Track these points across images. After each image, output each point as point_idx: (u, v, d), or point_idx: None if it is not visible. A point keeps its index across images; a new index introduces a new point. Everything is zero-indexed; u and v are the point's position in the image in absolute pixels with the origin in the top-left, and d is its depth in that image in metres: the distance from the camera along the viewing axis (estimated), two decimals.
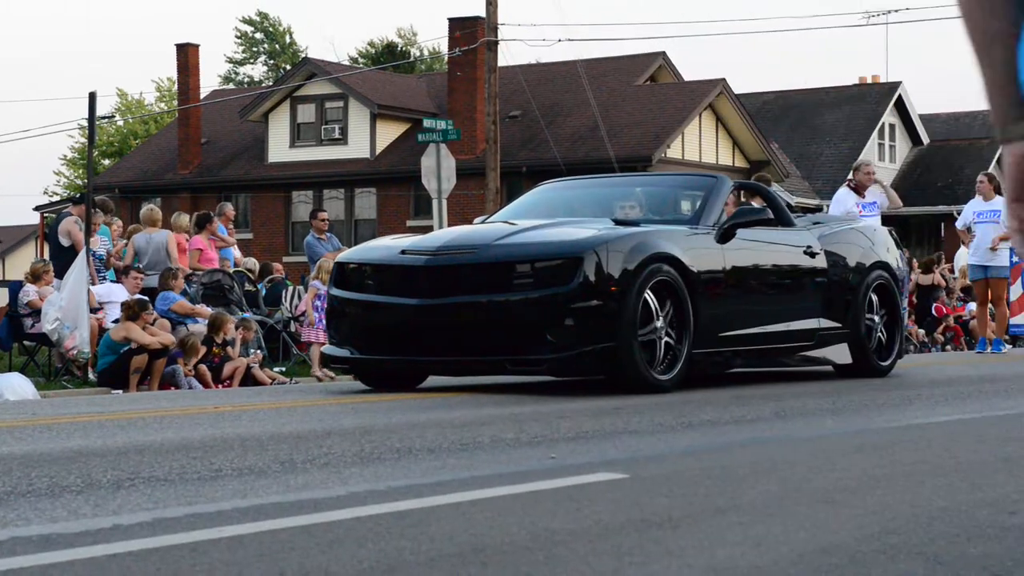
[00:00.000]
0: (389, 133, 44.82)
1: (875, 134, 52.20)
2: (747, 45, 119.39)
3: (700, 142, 42.99)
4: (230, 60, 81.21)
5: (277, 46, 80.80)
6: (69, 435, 7.23)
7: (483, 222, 12.05)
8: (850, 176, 18.30)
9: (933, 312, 28.14)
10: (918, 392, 10.49)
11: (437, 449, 6.42)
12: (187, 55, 48.41)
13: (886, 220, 18.50)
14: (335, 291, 10.62)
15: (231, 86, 73.89)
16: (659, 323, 10.02)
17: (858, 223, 13.58)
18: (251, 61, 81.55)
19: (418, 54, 74.34)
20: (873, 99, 53.61)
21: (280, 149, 46.10)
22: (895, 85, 54.13)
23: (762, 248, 11.43)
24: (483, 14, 35.32)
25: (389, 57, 69.51)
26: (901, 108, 54.10)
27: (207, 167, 47.85)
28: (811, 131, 52.75)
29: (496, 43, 34.41)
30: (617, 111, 42.11)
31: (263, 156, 46.68)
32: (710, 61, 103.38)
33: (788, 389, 10.77)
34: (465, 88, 41.22)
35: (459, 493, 5.02)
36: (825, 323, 11.91)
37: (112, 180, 48.82)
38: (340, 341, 10.57)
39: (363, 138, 44.74)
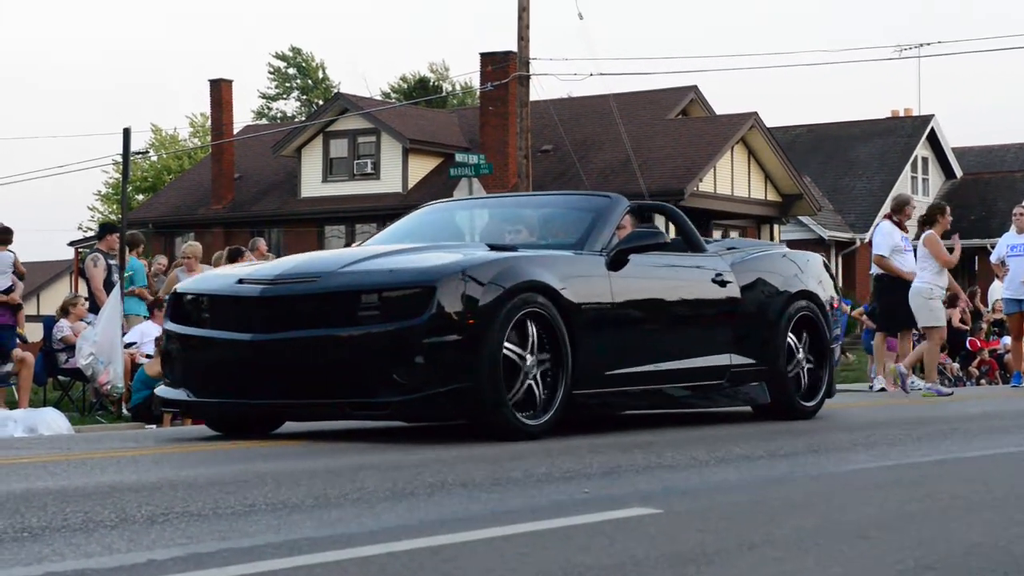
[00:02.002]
0: (421, 168, 44.92)
1: (908, 167, 52.11)
2: (779, 78, 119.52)
3: (732, 176, 42.94)
4: (263, 95, 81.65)
5: (310, 81, 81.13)
6: (103, 470, 7.25)
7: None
8: (889, 209, 18.26)
9: (967, 346, 28.02)
10: (953, 426, 10.43)
11: (469, 483, 6.41)
12: (220, 91, 48.63)
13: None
14: (169, 325, 9.45)
15: (264, 121, 74.22)
16: (528, 361, 8.83)
17: (780, 248, 12.29)
18: (284, 96, 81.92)
19: (450, 89, 74.59)
20: (906, 132, 53.54)
21: (313, 184, 46.25)
22: (928, 118, 54.05)
23: (660, 276, 10.22)
24: (515, 49, 35.43)
25: (421, 92, 69.73)
26: (934, 141, 54.01)
27: (240, 202, 48.03)
28: (844, 164, 52.68)
29: (528, 77, 34.50)
30: (649, 145, 42.12)
31: (296, 191, 46.84)
32: (742, 94, 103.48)
33: (821, 423, 10.72)
34: (497, 122, 41.28)
35: (492, 528, 5.01)
36: (738, 359, 10.59)
37: (146, 215, 49.05)
38: (175, 382, 9.34)
39: (395, 173, 44.85)
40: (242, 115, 74.46)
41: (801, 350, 11.08)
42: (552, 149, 43.44)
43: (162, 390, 9.55)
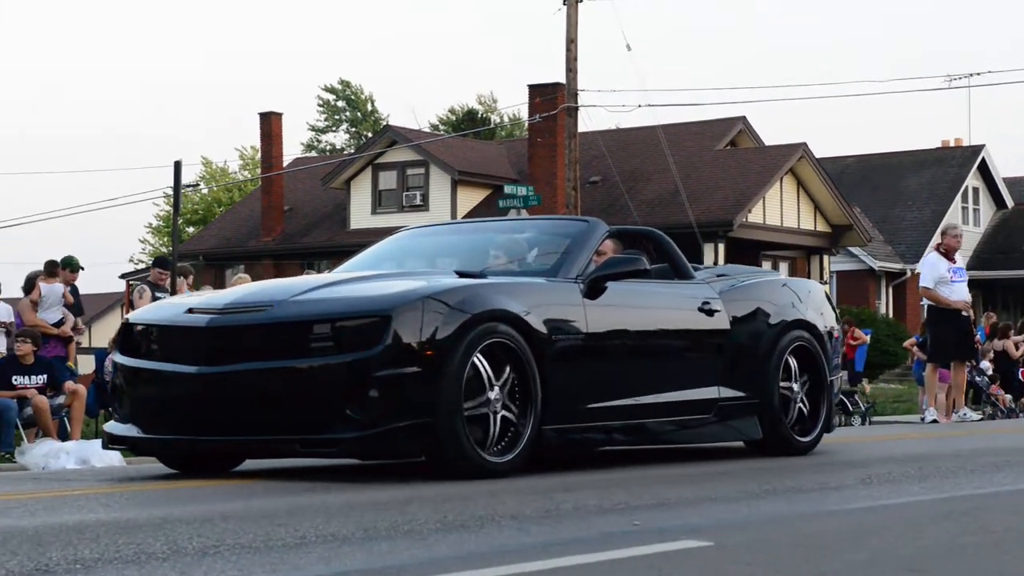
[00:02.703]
0: (470, 199, 45.03)
1: (958, 198, 51.88)
2: (828, 109, 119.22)
3: (781, 206, 42.85)
4: (312, 128, 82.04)
5: (359, 114, 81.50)
6: (155, 502, 7.29)
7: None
8: (938, 240, 18.17)
9: (1020, 377, 27.86)
10: (1007, 458, 10.35)
11: (519, 516, 6.41)
12: (270, 123, 48.92)
13: (972, 285, 18.29)
14: (118, 357, 8.99)
15: (313, 154, 74.56)
16: (493, 394, 8.32)
17: (776, 276, 11.78)
18: (333, 129, 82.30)
19: (498, 120, 74.76)
20: (956, 162, 53.31)
21: (362, 215, 46.42)
22: (978, 148, 53.81)
23: (640, 304, 9.67)
24: (563, 80, 35.49)
25: (469, 124, 69.91)
26: (984, 171, 53.77)
27: (290, 234, 48.24)
28: (894, 195, 52.49)
29: (576, 109, 34.56)
30: (698, 176, 42.09)
31: (345, 223, 47.01)
32: (790, 125, 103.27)
33: (872, 455, 10.66)
34: (545, 154, 41.32)
35: (542, 560, 5.00)
36: (727, 392, 10.02)
37: (197, 248, 49.34)
38: (123, 417, 8.89)
39: (444, 204, 44.96)
40: (292, 148, 74.73)
41: (796, 383, 10.53)
42: (600, 180, 43.47)
43: (111, 426, 9.04)
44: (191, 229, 64.08)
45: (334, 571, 4.84)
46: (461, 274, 8.98)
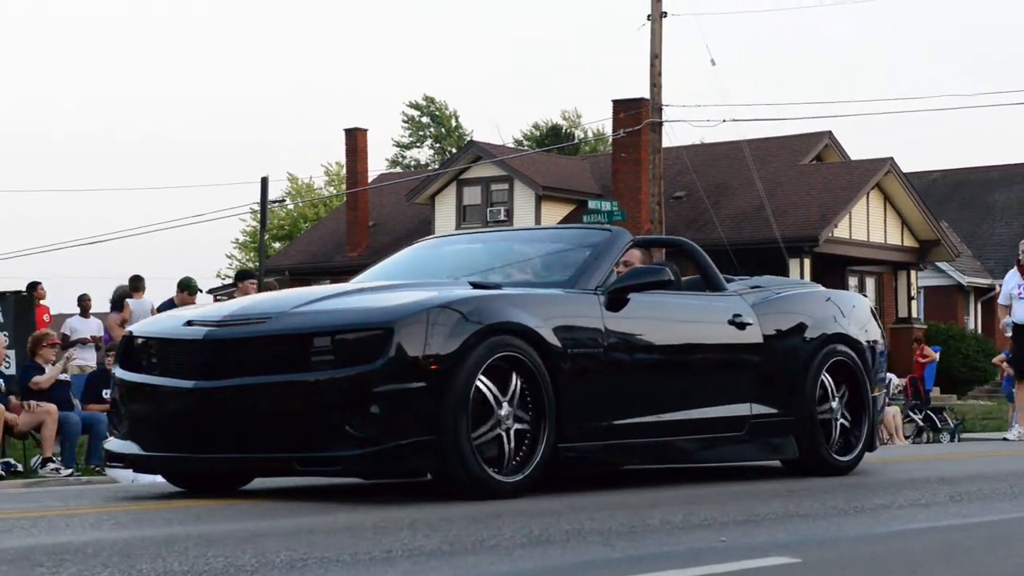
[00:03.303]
0: (554, 214, 45.05)
1: None
2: (914, 123, 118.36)
3: (868, 221, 42.53)
4: (397, 144, 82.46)
5: (443, 130, 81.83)
6: (242, 515, 7.32)
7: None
8: (1020, 255, 18.03)
9: None
10: None
11: (606, 531, 6.39)
12: (356, 139, 49.24)
13: None
14: (117, 371, 8.70)
15: (398, 169, 74.93)
16: (504, 410, 7.98)
17: (814, 288, 11.11)
18: (418, 145, 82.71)
19: (582, 136, 74.79)
20: None
21: (446, 231, 46.55)
22: None
23: (665, 316, 9.27)
24: (647, 95, 35.47)
25: (553, 139, 70.00)
26: None
27: (375, 249, 48.45)
28: (982, 210, 52.02)
29: (660, 124, 34.53)
30: (783, 191, 41.88)
31: None
32: (876, 140, 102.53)
33: (962, 471, 10.55)
34: (629, 169, 41.28)
35: (630, 575, 4.99)
36: (759, 409, 9.58)
37: (283, 263, 49.69)
38: (122, 433, 8.59)
39: (528, 219, 45.01)
40: (376, 163, 75.38)
41: (835, 399, 10.06)
42: (685, 195, 43.36)
43: (110, 443, 8.74)
44: (277, 244, 64.58)
45: None
46: (476, 285, 8.67)
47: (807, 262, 39.72)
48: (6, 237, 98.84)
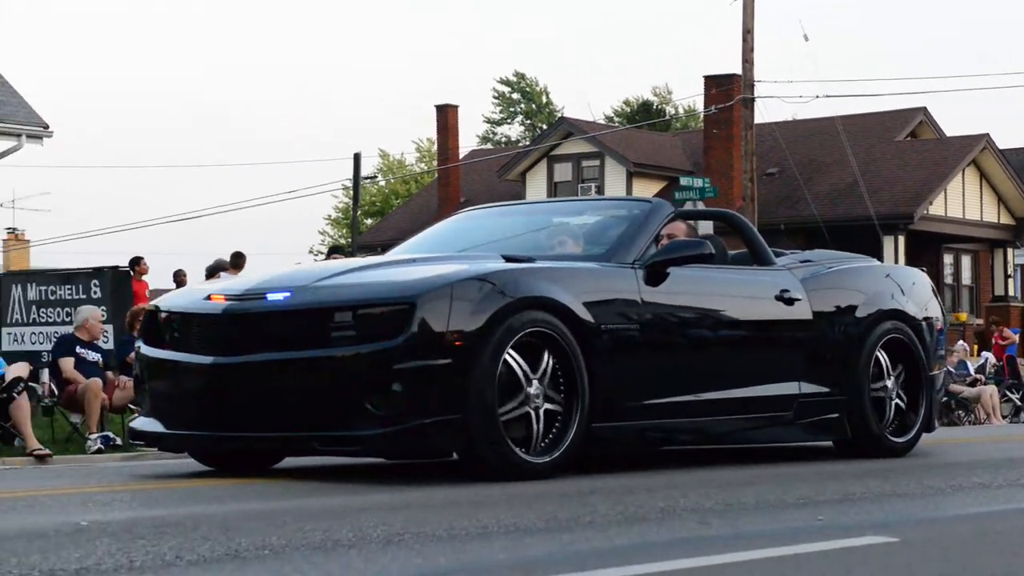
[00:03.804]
0: (645, 191, 44.88)
1: None
2: (1011, 98, 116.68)
3: (963, 198, 42.05)
4: (488, 120, 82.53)
5: (534, 106, 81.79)
6: (340, 490, 7.38)
7: None
8: None
9: None
10: None
11: (700, 509, 6.38)
12: (447, 116, 49.32)
13: None
14: (142, 348, 8.50)
15: (489, 146, 75.00)
16: (533, 388, 7.73)
17: (869, 263, 10.63)
18: (508, 121, 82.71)
19: (673, 112, 74.48)
20: None
21: None
22: None
23: (707, 291, 8.96)
24: (739, 71, 35.26)
25: (644, 115, 69.75)
26: None
27: None
28: None
29: (752, 100, 34.32)
30: (877, 168, 41.49)
31: None
32: (972, 115, 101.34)
33: None
34: (721, 145, 41.07)
35: (726, 554, 4.98)
36: (808, 387, 9.29)
37: (375, 239, 49.88)
38: (147, 411, 8.41)
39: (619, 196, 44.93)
40: (467, 140, 75.32)
41: (891, 378, 9.78)
42: (777, 172, 43.06)
43: (136, 421, 8.65)
44: (369, 221, 64.86)
45: (516, 559, 4.87)
46: (508, 258, 8.37)
47: (901, 239, 39.35)
48: (105, 213, 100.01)
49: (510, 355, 7.64)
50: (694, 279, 8.83)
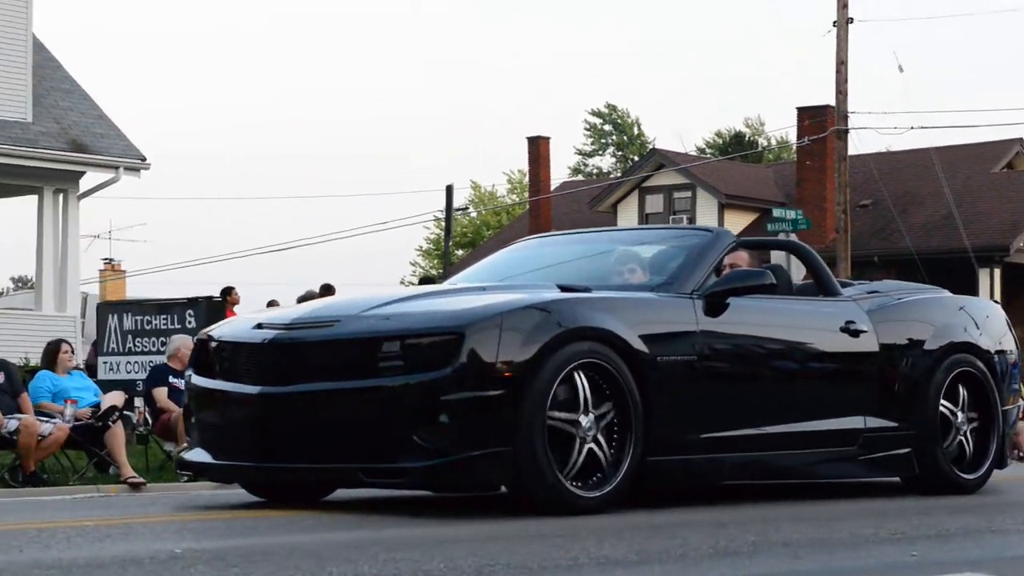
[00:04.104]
0: (737, 223, 44.72)
1: None
2: None
3: None
4: (579, 152, 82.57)
5: (625, 137, 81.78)
6: (427, 521, 7.40)
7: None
8: None
9: None
10: None
11: (793, 543, 6.34)
12: (538, 147, 49.42)
13: None
14: (194, 378, 8.44)
15: (580, 177, 75.04)
16: (585, 420, 7.58)
17: (940, 294, 10.34)
18: (600, 152, 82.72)
19: (766, 144, 74.18)
20: None
21: None
22: None
23: (768, 322, 8.74)
24: (832, 102, 35.06)
25: (736, 147, 69.54)
26: None
27: None
28: None
29: (846, 132, 34.09)
30: (972, 199, 41.07)
31: None
32: None
33: None
34: (814, 177, 40.83)
35: None
36: (874, 422, 9.04)
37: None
38: (196, 441, 8.39)
39: None
40: (559, 171, 75.35)
41: (961, 413, 9.48)
42: (871, 204, 42.73)
43: (186, 451, 8.58)
44: (460, 252, 65.09)
45: None
46: (564, 288, 8.23)
47: (997, 272, 38.90)
48: (199, 244, 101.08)
49: (561, 387, 7.50)
50: (755, 309, 8.67)
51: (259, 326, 8.04)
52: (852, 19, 34.16)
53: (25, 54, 24.95)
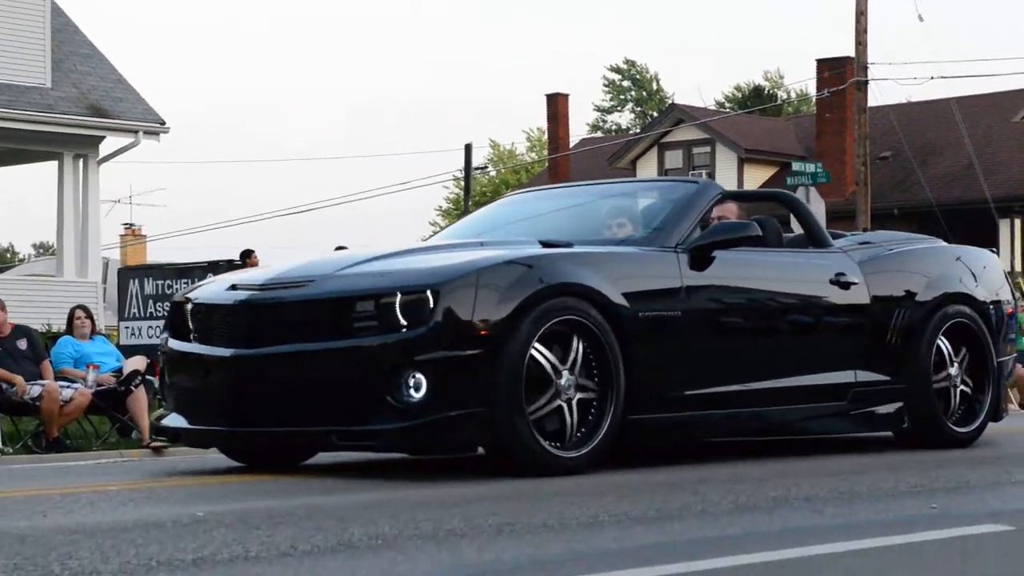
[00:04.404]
0: (757, 177, 44.63)
1: None
2: None
3: None
4: (598, 108, 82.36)
5: (644, 93, 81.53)
6: (449, 480, 7.42)
7: None
8: None
9: None
10: None
11: (813, 498, 6.34)
12: (557, 105, 49.35)
13: None
14: (170, 341, 8.25)
15: (599, 134, 74.88)
16: (563, 379, 7.41)
17: (935, 244, 10.16)
18: (619, 109, 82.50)
19: (785, 97, 73.91)
20: None
21: None
22: None
23: (756, 276, 8.52)
24: (852, 54, 34.89)
25: (756, 101, 69.25)
26: None
27: None
28: None
29: (866, 83, 33.92)
30: (993, 150, 40.89)
31: None
32: None
33: None
34: (834, 129, 40.71)
35: (839, 543, 4.95)
36: (865, 376, 8.85)
37: None
38: (170, 405, 8.22)
39: (731, 182, 44.56)
40: (577, 128, 75.17)
41: (954, 365, 9.29)
42: (891, 156, 42.58)
43: (159, 415, 8.42)
44: None
45: (627, 548, 4.88)
46: (545, 243, 8.02)
47: (1017, 222, 38.78)
48: (218, 208, 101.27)
49: (538, 345, 7.33)
50: (741, 263, 8.46)
51: (233, 287, 7.89)
52: None
53: (43, 19, 24.93)
